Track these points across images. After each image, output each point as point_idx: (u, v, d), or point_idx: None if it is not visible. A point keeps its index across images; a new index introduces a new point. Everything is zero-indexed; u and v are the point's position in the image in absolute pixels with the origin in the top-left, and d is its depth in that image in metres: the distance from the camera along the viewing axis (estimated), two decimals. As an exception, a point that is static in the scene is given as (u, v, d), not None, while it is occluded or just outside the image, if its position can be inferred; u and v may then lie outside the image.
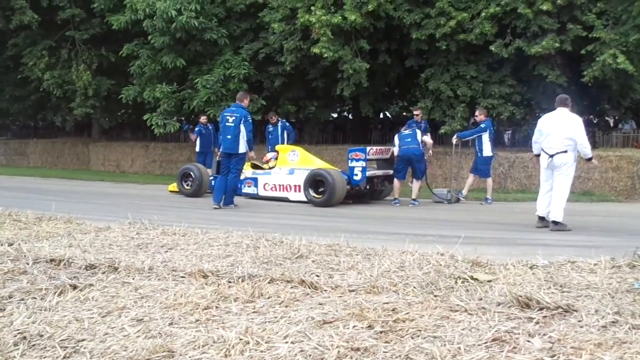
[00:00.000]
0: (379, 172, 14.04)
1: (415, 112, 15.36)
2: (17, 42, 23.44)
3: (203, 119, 18.23)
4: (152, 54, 19.89)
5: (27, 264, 5.44)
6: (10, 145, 29.44)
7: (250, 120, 12.62)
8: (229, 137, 12.31)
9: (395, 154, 13.55)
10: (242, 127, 12.23)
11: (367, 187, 13.77)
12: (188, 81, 20.08)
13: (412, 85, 19.61)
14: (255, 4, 19.26)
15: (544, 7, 15.05)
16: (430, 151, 14.42)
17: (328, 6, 16.78)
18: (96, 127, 28.03)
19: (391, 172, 14.17)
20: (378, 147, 14.45)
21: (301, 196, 13.62)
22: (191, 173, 15.08)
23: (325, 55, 16.54)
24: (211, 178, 15.27)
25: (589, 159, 9.90)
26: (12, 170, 25.47)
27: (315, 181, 13.35)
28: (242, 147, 12.34)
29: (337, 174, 13.29)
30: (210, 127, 18.16)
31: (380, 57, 18.05)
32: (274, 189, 14.34)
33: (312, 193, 13.36)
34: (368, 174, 13.49)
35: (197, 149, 18.07)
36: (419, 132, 13.46)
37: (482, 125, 13.74)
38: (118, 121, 26.90)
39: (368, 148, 13.75)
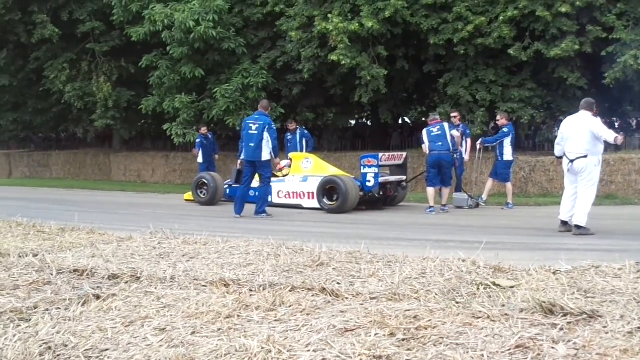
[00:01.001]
0: (392, 178, 14.03)
1: (452, 115, 14.85)
2: (39, 55, 23.66)
3: (203, 129, 18.30)
4: (171, 64, 20.01)
5: (52, 274, 5.48)
6: (34, 157, 29.72)
7: (275, 128, 12.55)
8: (252, 144, 12.23)
9: (424, 150, 13.35)
10: (265, 135, 12.15)
11: (380, 193, 13.73)
12: (207, 91, 20.17)
13: (430, 91, 19.56)
14: (273, 13, 19.33)
15: (563, 10, 14.97)
16: (465, 156, 14.19)
17: (345, 13, 16.82)
18: (117, 138, 28.25)
19: (404, 178, 14.14)
20: (391, 153, 14.43)
21: (314, 203, 13.65)
22: (206, 182, 15.22)
23: (343, 62, 16.56)
24: (226, 186, 15.39)
25: (615, 140, 9.60)
26: (36, 181, 25.76)
27: (328, 188, 13.36)
28: (266, 155, 12.27)
29: (349, 180, 13.30)
30: (211, 136, 18.26)
31: (398, 63, 18.03)
32: (287, 196, 14.40)
33: (325, 200, 13.37)
34: (381, 180, 13.48)
35: (200, 159, 18.12)
36: (447, 130, 13.06)
37: (505, 130, 13.59)
38: (138, 132, 27.06)
39: (381, 154, 13.72)
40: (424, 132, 13.43)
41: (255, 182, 13.07)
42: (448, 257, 5.75)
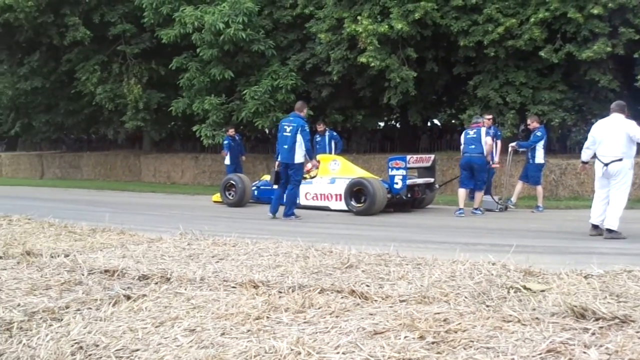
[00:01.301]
0: (420, 181, 13.99)
1: (486, 117, 14.54)
2: (71, 57, 23.95)
3: (230, 131, 18.36)
4: (201, 66, 20.15)
5: (83, 274, 5.53)
6: (65, 158, 30.07)
7: (308, 130, 12.46)
8: (286, 147, 12.25)
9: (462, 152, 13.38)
10: (299, 137, 12.14)
11: (408, 195, 13.69)
12: (236, 93, 20.28)
13: (460, 93, 19.46)
14: (302, 15, 19.38)
15: (595, 11, 14.80)
16: (495, 158, 13.87)
17: (374, 15, 16.79)
18: (147, 140, 28.51)
19: (432, 180, 14.10)
20: (419, 156, 14.40)
21: (342, 205, 13.67)
22: (234, 183, 15.30)
23: (372, 64, 16.54)
24: (254, 188, 15.48)
25: None
26: (67, 182, 26.05)
27: (356, 190, 13.37)
28: (299, 157, 12.27)
29: (377, 182, 13.29)
30: (238, 138, 18.34)
31: (427, 65, 17.96)
32: (315, 198, 14.42)
33: (352, 202, 13.38)
34: (409, 182, 13.46)
35: (227, 161, 18.20)
36: (483, 134, 12.99)
37: (539, 134, 13.47)
38: (168, 133, 27.25)
39: (408, 156, 13.70)
40: (463, 134, 13.54)
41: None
42: (478, 260, 5.70)
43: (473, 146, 12.95)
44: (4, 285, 5.17)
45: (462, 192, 13.14)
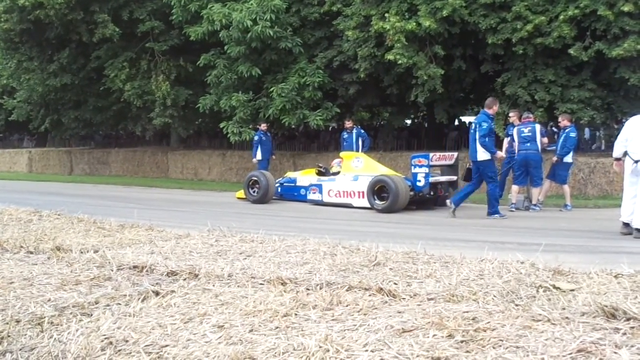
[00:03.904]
0: (443, 178, 14.03)
1: (510, 114, 14.83)
2: (100, 54, 24.11)
3: (263, 125, 18.44)
4: (229, 63, 20.21)
5: (112, 270, 5.59)
6: (94, 154, 30.32)
7: (485, 126, 12.17)
8: (470, 144, 12.41)
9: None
10: (477, 135, 12.15)
11: (431, 193, 13.72)
12: (263, 90, 20.31)
13: (487, 91, 19.29)
14: (330, 12, 19.34)
15: (626, 9, 14.58)
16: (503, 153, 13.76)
17: (402, 12, 16.71)
18: (174, 136, 28.67)
19: (455, 178, 14.09)
20: (442, 153, 14.39)
21: (364, 202, 13.72)
22: (258, 180, 15.34)
23: (400, 61, 16.47)
24: (277, 185, 15.51)
25: None
26: (96, 178, 26.31)
27: (378, 188, 13.37)
28: (481, 155, 12.15)
29: (400, 180, 13.30)
30: (269, 134, 18.37)
31: (455, 63, 17.84)
32: (338, 195, 14.49)
33: (375, 199, 13.37)
34: (431, 180, 13.50)
35: (258, 156, 18.24)
36: (538, 132, 13.23)
37: (572, 135, 13.37)
38: (195, 130, 27.37)
39: (431, 154, 13.74)
40: (515, 130, 13.59)
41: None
42: (506, 259, 5.67)
43: (529, 143, 13.20)
44: (35, 280, 5.23)
45: (515, 188, 13.46)
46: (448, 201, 12.74)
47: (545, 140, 13.59)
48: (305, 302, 4.41)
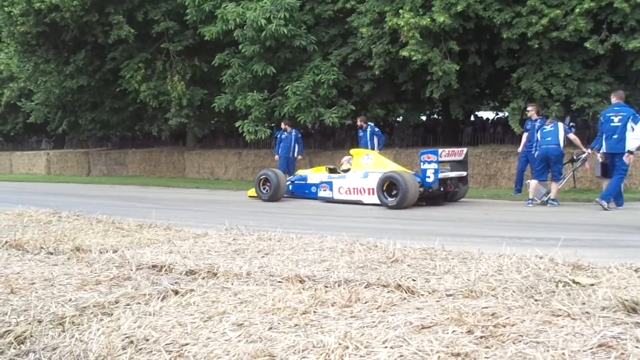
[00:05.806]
0: (452, 174, 14.01)
1: (528, 109, 14.95)
2: (115, 55, 24.21)
3: (283, 124, 18.54)
4: (243, 62, 20.27)
5: (131, 270, 5.61)
6: (111, 155, 30.49)
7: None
8: (615, 137, 12.29)
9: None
10: (629, 125, 12.05)
11: (441, 189, 13.73)
12: (278, 88, 20.36)
13: (503, 86, 19.25)
14: (343, 9, 19.34)
15: (642, 1, 14.49)
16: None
17: (416, 8, 16.69)
18: (190, 136, 28.80)
19: (465, 173, 14.06)
20: (451, 149, 14.36)
21: (375, 199, 13.72)
22: (268, 178, 15.39)
23: (414, 57, 16.45)
24: (288, 183, 15.54)
25: None
26: (113, 179, 26.49)
27: (388, 184, 13.37)
28: (631, 145, 11.90)
29: (409, 176, 13.30)
30: (294, 133, 18.37)
31: (470, 58, 17.78)
32: (348, 192, 14.52)
33: (385, 196, 13.37)
34: (441, 175, 13.52)
35: (276, 156, 18.37)
36: (561, 129, 13.23)
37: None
38: (211, 129, 27.47)
39: (440, 150, 13.75)
40: (539, 129, 13.69)
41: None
42: (525, 254, 5.65)
43: (549, 138, 13.23)
44: (56, 280, 5.26)
45: (534, 183, 13.49)
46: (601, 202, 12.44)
47: (573, 135, 13.47)
48: (323, 300, 4.41)
